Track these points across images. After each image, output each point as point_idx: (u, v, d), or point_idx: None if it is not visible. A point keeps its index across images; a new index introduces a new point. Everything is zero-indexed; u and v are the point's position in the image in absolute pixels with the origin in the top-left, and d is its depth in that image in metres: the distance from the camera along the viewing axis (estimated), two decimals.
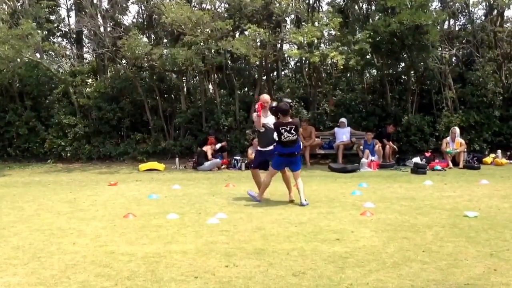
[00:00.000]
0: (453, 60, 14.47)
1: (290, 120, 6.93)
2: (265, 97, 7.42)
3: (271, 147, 7.20)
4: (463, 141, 11.76)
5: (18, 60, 13.04)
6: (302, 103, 14.30)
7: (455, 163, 11.40)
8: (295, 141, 6.92)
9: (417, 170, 10.32)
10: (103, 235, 5.27)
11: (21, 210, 6.93)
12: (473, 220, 5.64)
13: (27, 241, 5.05)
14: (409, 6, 11.72)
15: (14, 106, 14.00)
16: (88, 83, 14.63)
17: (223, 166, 12.01)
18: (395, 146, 12.40)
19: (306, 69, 15.03)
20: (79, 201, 7.62)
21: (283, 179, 7.32)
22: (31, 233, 5.41)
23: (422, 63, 13.19)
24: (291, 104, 7.09)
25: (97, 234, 5.30)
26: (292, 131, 6.83)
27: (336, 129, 12.68)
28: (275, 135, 6.94)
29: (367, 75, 15.18)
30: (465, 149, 11.71)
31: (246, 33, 12.46)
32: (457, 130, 11.85)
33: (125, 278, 3.83)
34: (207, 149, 11.92)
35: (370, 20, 13.01)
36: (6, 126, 13.92)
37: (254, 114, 7.26)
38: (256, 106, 7.29)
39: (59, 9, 16.89)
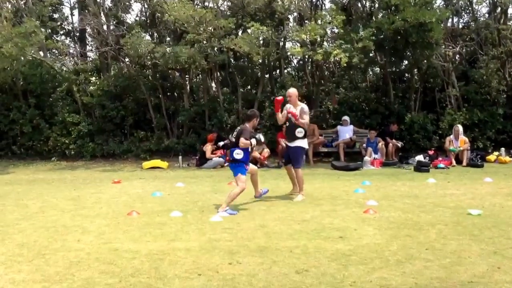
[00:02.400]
0: (456, 58, 14.43)
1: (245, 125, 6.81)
2: (291, 91, 7.57)
3: (292, 144, 7.25)
4: (466, 139, 11.74)
5: (22, 58, 13.06)
6: (305, 102, 14.28)
7: (459, 161, 11.38)
8: (233, 146, 6.70)
9: (420, 168, 10.30)
10: (107, 232, 5.29)
11: (25, 207, 6.96)
12: (477, 218, 5.64)
13: (31, 238, 5.07)
14: (412, 3, 11.69)
15: (18, 104, 14.03)
16: (91, 81, 14.66)
17: (226, 164, 12.01)
18: (399, 144, 12.34)
19: (309, 67, 15.03)
20: (83, 198, 7.64)
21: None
22: (35, 231, 5.43)
23: (425, 61, 13.16)
24: (258, 139, 6.88)
25: (101, 232, 5.32)
26: (234, 134, 6.82)
27: (339, 127, 12.68)
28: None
29: (370, 73, 15.17)
30: (469, 147, 11.68)
31: (249, 31, 12.45)
32: (460, 128, 11.83)
33: (129, 275, 3.84)
34: (207, 149, 11.94)
35: (374, 18, 12.99)
36: (10, 124, 13.95)
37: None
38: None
39: (62, 8, 16.96)
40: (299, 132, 7.13)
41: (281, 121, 7.46)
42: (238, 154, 6.62)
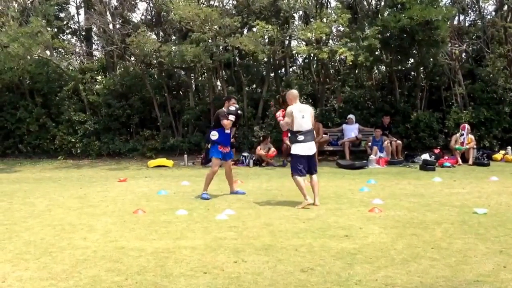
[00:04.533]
0: (463, 56, 14.35)
1: None
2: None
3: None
4: (472, 137, 11.69)
5: (28, 57, 13.15)
6: (310, 100, 14.28)
7: (465, 160, 11.33)
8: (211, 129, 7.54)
9: (426, 166, 10.27)
10: (113, 230, 5.32)
11: (32, 205, 7.00)
12: (483, 217, 5.61)
13: (38, 236, 5.10)
14: (419, 1, 11.64)
15: (25, 103, 14.12)
16: (97, 80, 14.72)
17: (232, 163, 12.01)
18: (398, 141, 12.17)
19: (314, 66, 15.00)
20: (89, 197, 7.68)
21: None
22: (42, 229, 5.47)
23: (431, 59, 13.10)
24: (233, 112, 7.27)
25: (107, 230, 5.34)
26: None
27: (344, 125, 12.66)
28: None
29: (376, 71, 15.11)
30: (475, 146, 11.62)
31: (254, 29, 12.46)
32: (467, 126, 11.74)
33: (135, 273, 3.86)
34: None
35: (379, 16, 12.94)
36: (17, 123, 14.05)
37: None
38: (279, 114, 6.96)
39: (68, 7, 17.00)
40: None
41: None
42: (213, 135, 7.32)
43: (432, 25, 11.38)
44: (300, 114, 6.55)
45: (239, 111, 7.43)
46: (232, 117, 7.23)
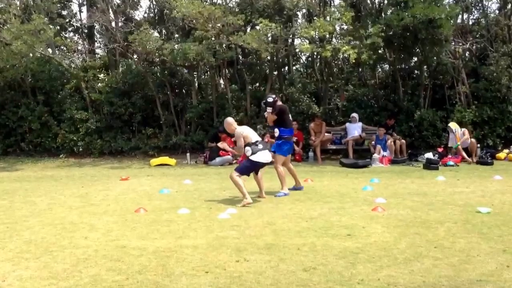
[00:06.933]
0: (466, 54, 14.28)
1: None
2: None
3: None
4: (466, 130, 11.62)
5: (31, 55, 13.16)
6: (314, 98, 14.24)
7: (468, 154, 11.30)
8: None
9: (430, 165, 10.23)
10: (114, 229, 5.30)
11: (33, 204, 7.00)
12: (486, 216, 5.58)
13: (39, 235, 5.10)
14: (422, 0, 11.59)
15: (27, 101, 14.13)
16: (99, 78, 14.71)
17: (234, 162, 12.01)
18: (402, 140, 12.12)
19: (318, 64, 14.97)
20: (91, 195, 7.68)
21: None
22: (43, 227, 5.46)
23: (435, 58, 13.04)
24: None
25: (109, 229, 5.33)
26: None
27: (347, 124, 12.61)
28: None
29: (379, 69, 15.07)
30: (469, 137, 11.58)
31: (258, 27, 12.43)
32: (452, 126, 11.63)
33: (136, 272, 3.85)
34: (224, 146, 11.95)
35: (383, 14, 12.89)
36: (18, 121, 14.06)
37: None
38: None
39: (70, 4, 17.04)
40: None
41: None
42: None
43: (435, 23, 11.31)
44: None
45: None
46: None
